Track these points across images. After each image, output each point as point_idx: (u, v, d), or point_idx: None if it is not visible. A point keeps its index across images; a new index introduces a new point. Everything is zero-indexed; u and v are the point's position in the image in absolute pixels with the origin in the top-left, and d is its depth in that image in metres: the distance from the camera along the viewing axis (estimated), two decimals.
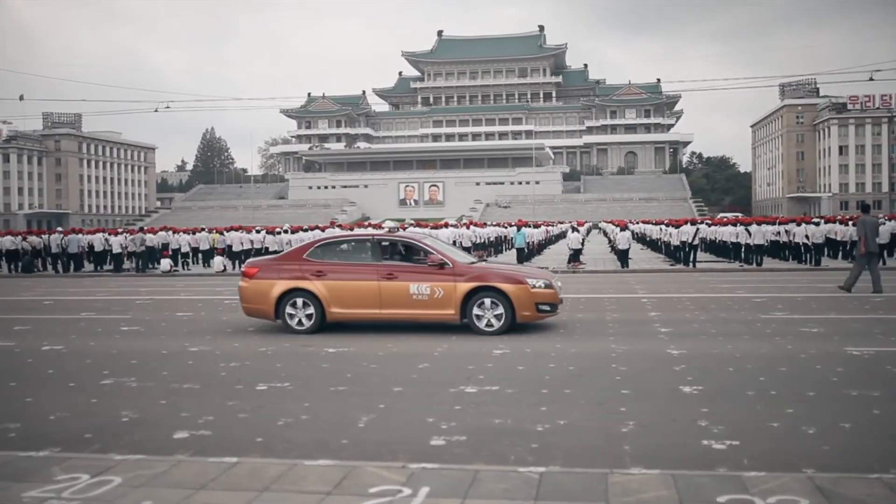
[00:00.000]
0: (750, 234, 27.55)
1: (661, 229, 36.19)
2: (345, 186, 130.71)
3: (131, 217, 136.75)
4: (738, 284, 20.59)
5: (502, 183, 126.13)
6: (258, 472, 5.54)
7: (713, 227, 33.89)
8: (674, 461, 5.83)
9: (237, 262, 31.44)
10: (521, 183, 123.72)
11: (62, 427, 7.17)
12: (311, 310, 12.53)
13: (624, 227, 28.77)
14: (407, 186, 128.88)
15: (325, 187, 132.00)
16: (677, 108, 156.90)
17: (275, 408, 7.74)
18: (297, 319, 12.57)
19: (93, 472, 5.59)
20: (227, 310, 16.58)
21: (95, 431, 6.97)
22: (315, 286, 12.52)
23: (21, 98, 49.50)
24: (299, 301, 12.56)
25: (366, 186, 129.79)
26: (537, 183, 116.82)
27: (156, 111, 43.09)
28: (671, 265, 28.86)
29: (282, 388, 8.64)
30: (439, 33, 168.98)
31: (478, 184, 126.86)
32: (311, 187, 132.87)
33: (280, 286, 12.66)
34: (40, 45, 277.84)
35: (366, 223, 55.14)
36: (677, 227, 30.04)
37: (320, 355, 10.59)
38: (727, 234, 30.22)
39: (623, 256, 28.29)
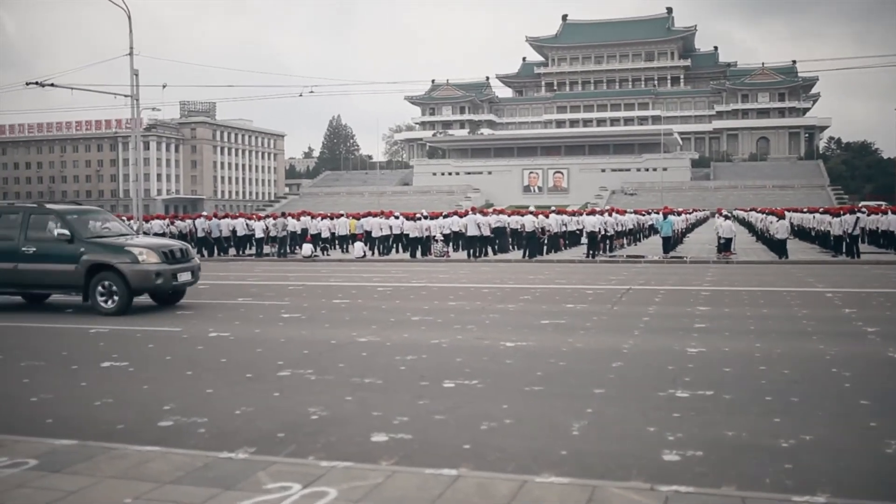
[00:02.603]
0: None
1: (813, 217, 34.10)
2: (468, 173, 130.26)
3: (261, 203, 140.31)
4: None
5: (628, 170, 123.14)
6: (487, 489, 4.88)
7: (873, 217, 31.66)
8: None
9: (376, 247, 31.28)
10: (647, 170, 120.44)
11: (251, 423, 6.72)
12: None
13: (782, 216, 27.11)
14: (531, 173, 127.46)
15: (449, 174, 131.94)
16: (813, 90, 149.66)
17: (472, 408, 7.09)
18: None
19: (303, 481, 5.05)
20: (383, 297, 16.18)
21: (287, 430, 6.48)
22: None
23: (164, 87, 50.76)
24: None
25: (489, 173, 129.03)
26: (664, 170, 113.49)
27: (300, 96, 43.45)
28: (833, 256, 27.02)
29: (471, 385, 7.99)
30: (564, 17, 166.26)
31: (603, 170, 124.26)
32: (434, 174, 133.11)
33: None
34: (171, 35, 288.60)
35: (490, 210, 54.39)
36: (836, 215, 28.13)
37: (501, 350, 9.90)
38: (895, 223, 28.11)
39: (781, 247, 26.64)
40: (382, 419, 6.77)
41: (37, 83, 31.92)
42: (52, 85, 32.63)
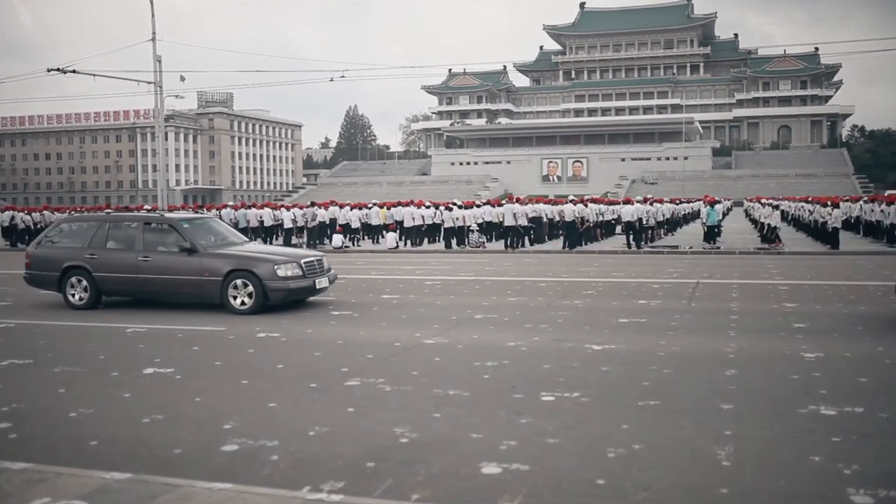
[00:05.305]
0: None
1: (860, 206, 32.87)
2: (487, 162, 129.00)
3: (279, 193, 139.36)
4: None
5: (648, 158, 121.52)
6: None
7: None
8: None
9: (409, 238, 30.17)
10: (668, 158, 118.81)
11: (330, 448, 5.66)
12: None
13: (836, 205, 25.91)
14: (550, 162, 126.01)
15: (468, 163, 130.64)
16: (836, 78, 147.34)
17: (587, 429, 6.02)
18: None
19: None
20: (434, 292, 15.07)
21: (375, 457, 5.42)
22: None
23: (182, 79, 49.78)
24: None
25: (508, 162, 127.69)
26: (685, 159, 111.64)
27: (331, 80, 42.26)
28: (889, 245, 25.82)
29: (574, 399, 6.90)
30: (581, 5, 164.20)
31: (623, 159, 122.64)
32: (453, 163, 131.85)
33: None
34: (185, 27, 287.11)
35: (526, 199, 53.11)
36: (889, 204, 26.91)
37: (589, 354, 8.80)
38: None
39: (834, 237, 25.46)
40: (486, 443, 5.70)
41: (58, 70, 31.00)
42: (73, 72, 31.73)
